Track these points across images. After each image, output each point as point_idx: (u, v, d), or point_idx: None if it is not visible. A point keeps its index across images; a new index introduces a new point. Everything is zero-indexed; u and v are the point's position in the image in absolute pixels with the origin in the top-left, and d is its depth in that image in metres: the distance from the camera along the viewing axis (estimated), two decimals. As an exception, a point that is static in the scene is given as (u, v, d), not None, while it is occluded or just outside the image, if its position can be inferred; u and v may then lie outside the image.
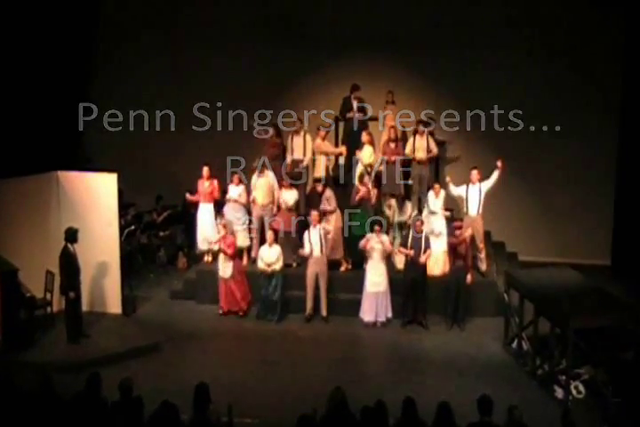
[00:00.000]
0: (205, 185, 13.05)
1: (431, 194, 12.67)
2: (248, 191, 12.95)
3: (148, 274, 14.06)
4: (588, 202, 14.83)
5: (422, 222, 11.97)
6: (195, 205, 13.41)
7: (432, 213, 12.55)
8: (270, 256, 11.92)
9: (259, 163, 12.95)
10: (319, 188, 12.72)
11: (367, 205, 12.71)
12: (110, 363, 10.30)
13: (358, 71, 14.68)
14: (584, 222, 14.79)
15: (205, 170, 13.01)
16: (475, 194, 12.40)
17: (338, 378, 9.78)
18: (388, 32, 14.76)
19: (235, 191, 12.86)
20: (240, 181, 12.89)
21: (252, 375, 10.39)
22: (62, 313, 11.20)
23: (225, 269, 12.18)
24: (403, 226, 12.61)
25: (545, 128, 14.53)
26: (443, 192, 12.63)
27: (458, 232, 11.76)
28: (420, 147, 13.38)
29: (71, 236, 10.89)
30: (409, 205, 12.76)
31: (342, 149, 13.65)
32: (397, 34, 14.75)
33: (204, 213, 13.13)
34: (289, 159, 13.57)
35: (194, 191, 13.13)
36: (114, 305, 12.08)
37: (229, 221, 12.54)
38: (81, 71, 15.30)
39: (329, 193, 12.65)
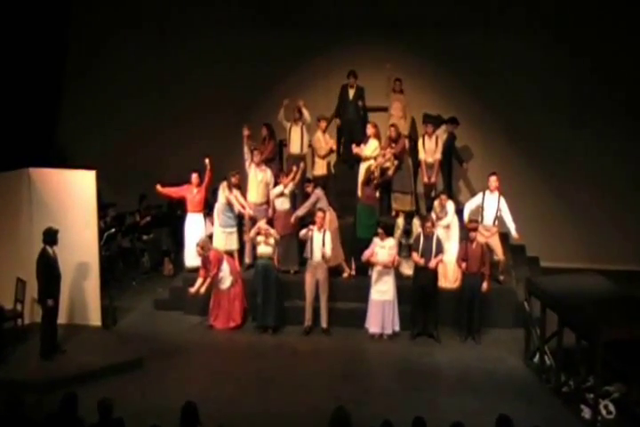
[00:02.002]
0: (194, 192, 13.04)
1: (437, 205, 12.63)
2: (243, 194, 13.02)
3: (131, 282, 14.07)
4: (617, 202, 14.82)
5: (433, 223, 11.91)
6: (179, 204, 13.39)
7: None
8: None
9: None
10: (309, 188, 12.67)
11: (375, 204, 12.69)
12: (88, 381, 10.26)
13: (361, 56, 14.71)
14: (614, 224, 14.75)
15: (194, 177, 13.02)
16: (492, 203, 12.37)
17: (340, 396, 9.77)
18: (395, 13, 14.76)
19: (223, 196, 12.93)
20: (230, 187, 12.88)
21: (245, 394, 10.34)
22: (35, 326, 11.15)
23: (223, 279, 12.17)
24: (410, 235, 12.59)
25: (570, 126, 14.66)
26: (450, 205, 12.57)
27: (472, 234, 11.70)
28: (428, 149, 13.36)
29: (50, 237, 10.83)
30: (417, 224, 12.68)
31: (331, 143, 13.58)
32: (405, 14, 14.73)
33: (193, 224, 13.14)
34: (286, 154, 13.56)
35: (169, 186, 13.12)
36: (92, 317, 12.04)
37: (206, 239, 12.45)
38: (57, 63, 15.42)
39: (319, 193, 12.62)
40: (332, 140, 13.79)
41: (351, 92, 13.93)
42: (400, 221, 12.80)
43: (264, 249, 12.05)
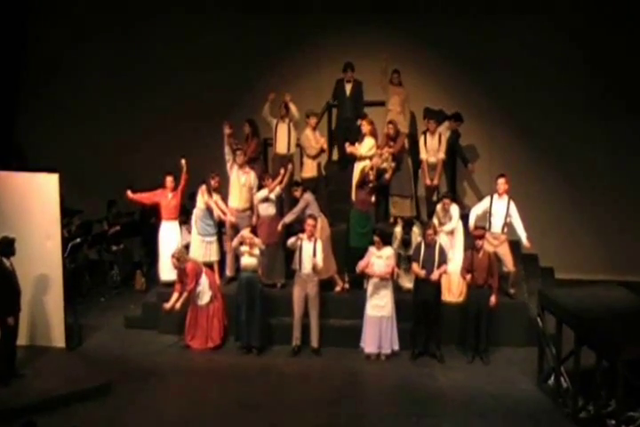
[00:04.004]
0: (169, 197, 13.04)
1: (439, 209, 12.62)
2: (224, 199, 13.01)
3: (98, 298, 14.05)
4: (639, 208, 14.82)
5: (435, 230, 11.87)
6: (152, 211, 13.37)
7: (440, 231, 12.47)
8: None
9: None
10: (297, 192, 12.66)
11: (370, 210, 12.68)
12: (50, 409, 10.20)
13: (354, 45, 14.71)
14: (636, 231, 14.80)
15: (169, 180, 13.04)
16: (500, 208, 12.36)
17: (333, 424, 9.79)
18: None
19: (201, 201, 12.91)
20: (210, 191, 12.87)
21: (227, 422, 10.30)
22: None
23: (201, 294, 12.14)
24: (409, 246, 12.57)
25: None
26: (455, 210, 12.56)
27: (479, 243, 11.68)
28: (431, 148, 13.36)
29: (6, 248, 10.79)
30: (417, 233, 12.66)
31: (322, 142, 13.57)
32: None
33: (168, 233, 13.15)
34: (271, 154, 13.54)
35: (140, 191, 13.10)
36: (54, 337, 12.00)
37: (182, 249, 12.42)
38: (17, 63, 15.64)
39: (308, 197, 12.59)
40: (323, 138, 13.75)
41: (348, 87, 13.93)
42: (398, 230, 12.76)
43: (248, 260, 12.00)
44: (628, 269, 14.44)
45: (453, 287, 12.37)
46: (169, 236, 13.12)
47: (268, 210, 12.79)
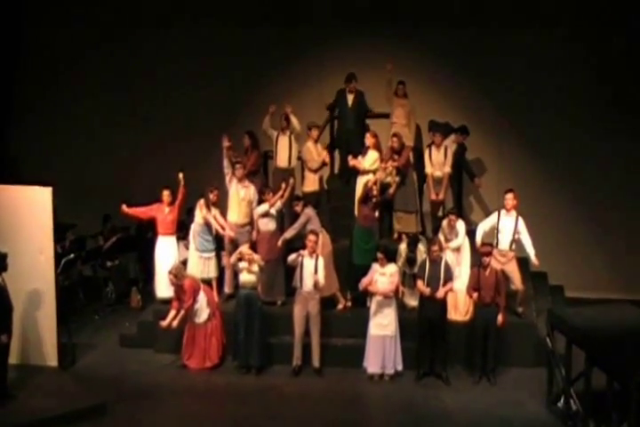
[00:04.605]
0: (166, 212, 13.04)
1: (445, 225, 12.62)
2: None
3: (93, 315, 14.05)
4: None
5: (441, 247, 11.87)
6: (149, 226, 13.37)
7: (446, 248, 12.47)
8: None
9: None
10: (298, 207, 12.66)
11: (374, 225, 12.69)
12: (43, 430, 10.18)
13: (358, 56, 14.80)
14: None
15: (166, 194, 13.03)
16: (508, 224, 12.37)
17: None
18: (398, 6, 14.90)
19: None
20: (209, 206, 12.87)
21: (225, 445, 10.28)
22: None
23: (199, 312, 12.11)
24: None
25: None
26: (461, 226, 12.57)
27: (486, 260, 11.68)
28: (436, 162, 13.38)
29: (-2, 263, 10.81)
30: (422, 250, 12.63)
31: (324, 155, 13.58)
32: (409, 7, 14.89)
33: (165, 248, 13.13)
34: (272, 167, 13.57)
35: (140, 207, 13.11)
36: (47, 356, 11.98)
37: (180, 265, 12.41)
38: (9, 71, 15.79)
39: (310, 212, 12.60)
40: (325, 151, 13.78)
41: (350, 98, 13.96)
42: (403, 247, 12.74)
43: (247, 277, 11.98)
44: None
45: (460, 306, 12.37)
46: (166, 251, 13.10)
47: (268, 225, 12.79)
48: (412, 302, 12.37)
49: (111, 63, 15.71)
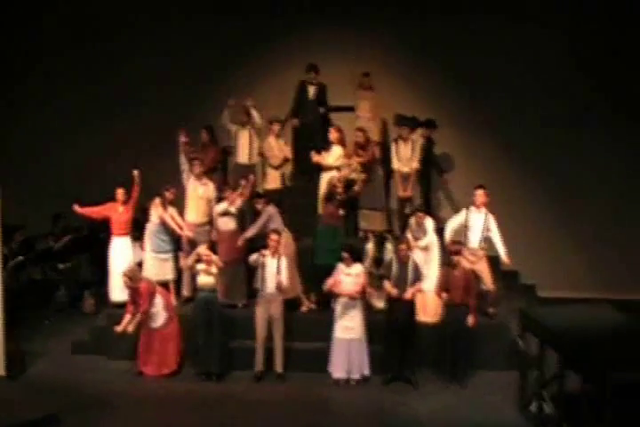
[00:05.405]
0: (120, 211, 13.00)
1: (413, 223, 12.67)
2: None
3: (43, 321, 13.97)
4: (629, 220, 15.01)
5: (409, 246, 11.89)
6: (102, 226, 13.32)
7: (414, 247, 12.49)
8: None
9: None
10: (259, 205, 12.65)
11: (338, 224, 12.71)
12: (-11, 442, 10.15)
13: (321, 46, 14.84)
14: (625, 246, 14.94)
15: (120, 193, 12.99)
16: (478, 221, 12.43)
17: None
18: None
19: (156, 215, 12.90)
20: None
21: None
22: None
23: (155, 316, 12.09)
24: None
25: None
26: (429, 223, 12.62)
27: (456, 259, 11.73)
28: (403, 157, 13.41)
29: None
30: (390, 249, 12.68)
31: (286, 151, 13.57)
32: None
33: (119, 249, 13.10)
34: (232, 164, 13.53)
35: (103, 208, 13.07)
36: (-5, 364, 11.90)
37: (135, 267, 12.37)
38: None
39: (271, 210, 12.60)
40: (287, 146, 13.80)
41: (311, 90, 14.01)
42: (369, 246, 12.77)
43: (205, 279, 11.95)
44: (615, 286, 14.55)
45: (428, 307, 12.41)
46: (120, 253, 13.05)
47: (228, 224, 12.77)
48: (379, 303, 12.40)
49: (63, 61, 15.60)
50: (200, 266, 11.91)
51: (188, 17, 15.26)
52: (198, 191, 12.91)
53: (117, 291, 12.89)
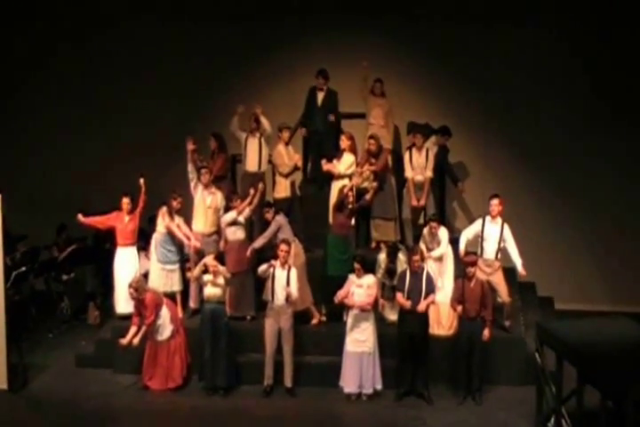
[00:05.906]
0: (125, 221, 13.01)
1: (426, 233, 12.65)
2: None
3: (46, 333, 13.98)
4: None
5: (422, 257, 11.87)
6: (107, 236, 13.33)
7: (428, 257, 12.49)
8: None
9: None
10: (268, 214, 12.65)
11: (349, 234, 12.71)
12: (-10, 458, 10.18)
13: (332, 52, 14.85)
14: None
15: (125, 202, 12.99)
16: (493, 232, 12.39)
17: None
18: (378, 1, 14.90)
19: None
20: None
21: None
22: None
23: (161, 329, 12.08)
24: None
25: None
26: (444, 233, 12.61)
27: (471, 270, 11.69)
28: (417, 165, 13.41)
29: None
30: (402, 260, 12.66)
31: (296, 159, 13.59)
32: (390, 3, 14.88)
33: (125, 260, 13.09)
34: (240, 172, 13.55)
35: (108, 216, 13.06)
36: (-4, 377, 11.93)
37: (140, 278, 12.35)
38: None
39: (281, 220, 12.60)
40: (297, 154, 13.80)
41: (320, 97, 13.99)
42: (382, 257, 12.74)
43: (211, 290, 11.94)
44: (634, 299, 14.50)
45: (443, 319, 12.38)
46: (126, 263, 13.04)
47: (236, 234, 12.76)
48: (392, 315, 12.37)
49: (69, 71, 15.69)
50: (207, 277, 11.90)
51: (198, 24, 15.31)
52: (206, 200, 12.90)
53: (123, 303, 12.87)
